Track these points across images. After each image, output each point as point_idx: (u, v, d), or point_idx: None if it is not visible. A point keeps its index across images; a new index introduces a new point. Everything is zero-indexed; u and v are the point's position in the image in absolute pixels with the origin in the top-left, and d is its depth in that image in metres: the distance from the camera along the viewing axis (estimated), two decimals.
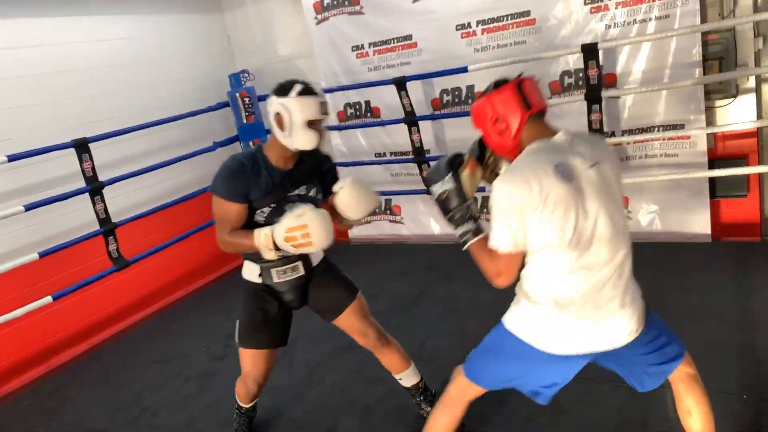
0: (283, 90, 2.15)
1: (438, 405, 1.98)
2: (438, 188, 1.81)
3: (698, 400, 1.91)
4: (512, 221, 1.61)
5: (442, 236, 4.94)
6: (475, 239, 1.74)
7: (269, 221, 2.18)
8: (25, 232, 3.78)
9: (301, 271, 2.34)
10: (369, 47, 4.78)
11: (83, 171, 3.83)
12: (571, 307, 1.69)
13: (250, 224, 2.20)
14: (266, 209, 2.21)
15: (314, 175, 2.32)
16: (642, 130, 4.03)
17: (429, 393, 2.59)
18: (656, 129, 3.99)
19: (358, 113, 5.06)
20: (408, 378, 2.55)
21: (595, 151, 1.69)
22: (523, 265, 1.73)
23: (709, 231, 3.99)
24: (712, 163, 3.90)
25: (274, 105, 2.15)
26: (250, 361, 2.38)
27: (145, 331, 4.19)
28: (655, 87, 3.81)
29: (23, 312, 3.50)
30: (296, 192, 2.25)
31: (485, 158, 1.89)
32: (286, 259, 2.28)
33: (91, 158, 3.85)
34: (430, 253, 4.69)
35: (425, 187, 4.66)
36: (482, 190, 3.64)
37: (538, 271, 1.71)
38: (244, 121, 4.99)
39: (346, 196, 2.22)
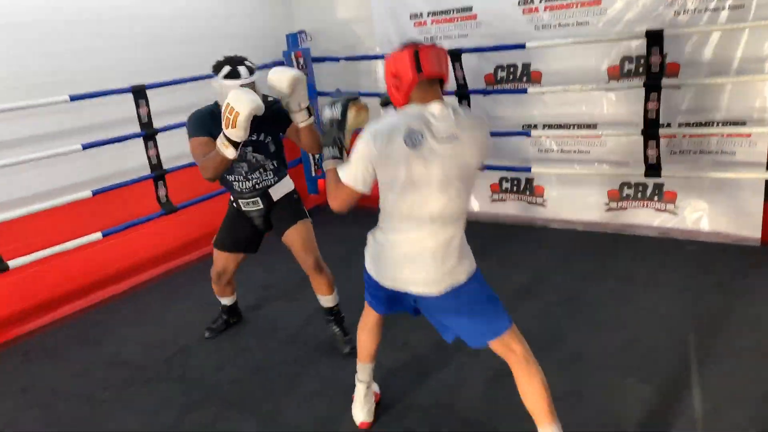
0: (215, 69, 2.71)
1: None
2: (327, 114, 2.11)
3: (528, 380, 1.98)
4: (359, 163, 1.89)
5: (480, 214, 4.92)
6: (332, 164, 2.02)
7: None
8: (81, 170, 3.94)
9: (260, 205, 2.94)
10: (427, 16, 4.73)
11: (139, 116, 3.96)
12: (392, 243, 1.98)
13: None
14: None
15: (266, 124, 2.73)
16: (700, 125, 3.90)
17: (339, 315, 3.12)
18: (715, 124, 3.85)
19: None
20: (327, 302, 3.08)
21: (458, 129, 1.87)
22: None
23: (759, 235, 3.87)
24: None
25: (213, 81, 2.70)
26: (216, 257, 3.12)
27: (186, 276, 4.35)
28: (720, 79, 3.67)
29: (74, 245, 3.67)
30: (249, 137, 2.63)
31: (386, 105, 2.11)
32: (249, 195, 2.90)
33: (147, 104, 3.97)
34: (468, 230, 4.68)
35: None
36: None
37: (382, 212, 2.00)
38: None
39: (273, 75, 2.55)
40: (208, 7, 4.73)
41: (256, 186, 2.89)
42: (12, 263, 3.38)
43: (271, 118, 2.75)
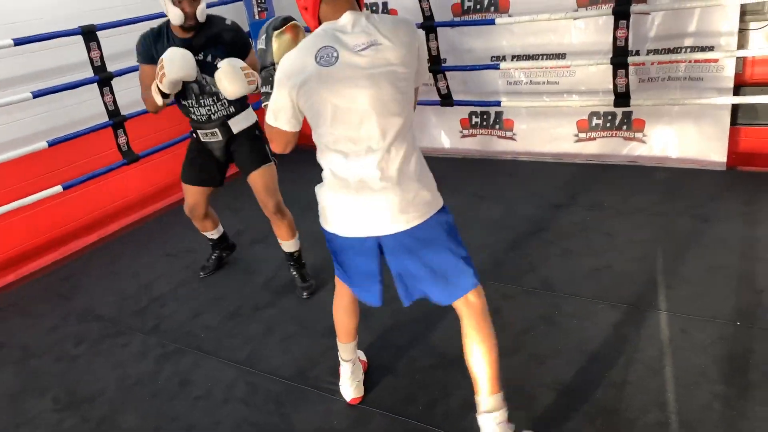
0: None
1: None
2: (258, 45, 1.91)
3: (480, 338, 1.85)
4: (277, 100, 1.74)
5: (450, 150, 4.89)
6: (267, 103, 1.83)
7: None
8: (34, 120, 3.76)
9: (219, 137, 2.89)
10: None
11: (91, 60, 3.76)
12: (340, 185, 1.78)
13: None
14: None
15: (214, 43, 2.70)
16: (669, 51, 3.87)
17: (300, 261, 3.15)
18: (684, 50, 3.82)
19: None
20: (288, 246, 3.10)
21: (377, 34, 1.67)
22: None
23: (724, 159, 3.92)
24: (738, 90, 3.76)
25: None
26: (185, 191, 3.09)
27: (155, 225, 4.27)
28: (688, 4, 3.62)
29: (34, 199, 3.56)
30: (196, 58, 2.61)
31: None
32: (209, 126, 2.86)
33: (99, 47, 3.77)
34: (439, 166, 4.66)
35: (440, 101, 4.57)
36: None
37: (318, 151, 1.83)
38: (257, 17, 4.82)
39: (219, 73, 2.52)
40: None
41: (212, 117, 2.84)
42: None
43: (222, 39, 2.72)
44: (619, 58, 3.79)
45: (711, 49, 3.73)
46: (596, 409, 2.10)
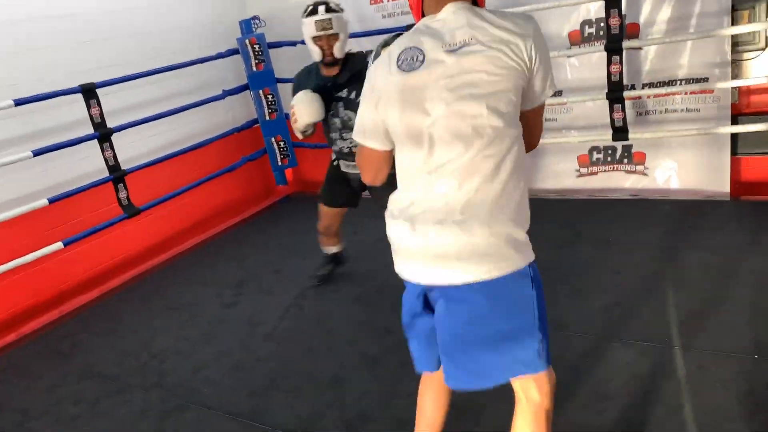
0: (304, 11, 2.90)
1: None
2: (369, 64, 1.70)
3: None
4: (363, 110, 1.51)
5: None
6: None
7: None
8: (35, 178, 3.76)
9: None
10: None
11: (91, 117, 3.79)
12: (410, 218, 1.47)
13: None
14: None
15: (357, 79, 2.77)
16: (664, 84, 3.89)
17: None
18: (679, 83, 3.84)
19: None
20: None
21: (476, 33, 1.37)
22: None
23: (728, 189, 3.89)
24: (736, 119, 3.76)
25: None
26: (323, 212, 3.29)
27: (156, 279, 4.22)
28: (680, 38, 3.65)
29: (35, 257, 3.53)
30: (339, 94, 2.85)
31: None
32: (349, 157, 2.98)
33: (99, 104, 3.80)
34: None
35: None
36: None
37: (398, 174, 1.52)
38: (254, 69, 4.88)
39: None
40: None
41: (353, 150, 2.90)
42: None
43: (364, 74, 2.66)
44: (615, 93, 3.81)
45: (705, 80, 3.74)
46: None
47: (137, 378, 2.99)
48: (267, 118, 5.04)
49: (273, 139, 5.04)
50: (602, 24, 3.84)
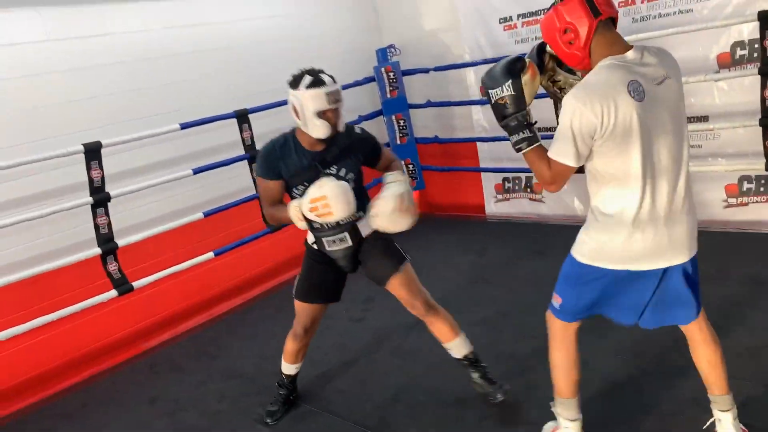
0: (294, 82, 2.38)
1: (550, 347, 2.11)
2: (496, 93, 1.83)
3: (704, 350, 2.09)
4: (578, 137, 1.69)
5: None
6: (530, 148, 1.83)
7: None
8: (193, 193, 4.20)
9: (349, 242, 2.52)
10: (517, 19, 4.65)
11: (243, 140, 4.18)
12: (638, 224, 1.78)
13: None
14: (300, 187, 2.44)
15: (347, 155, 2.48)
16: None
17: (479, 364, 2.63)
18: None
19: None
20: (457, 348, 2.62)
21: (663, 67, 1.72)
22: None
23: None
24: None
25: (289, 97, 2.37)
26: (300, 310, 2.71)
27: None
28: None
29: (189, 265, 3.92)
30: (327, 172, 2.43)
31: (544, 64, 1.90)
32: (335, 231, 2.48)
33: (250, 128, 4.19)
34: (571, 233, 4.52)
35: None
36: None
37: (605, 184, 1.80)
38: (388, 95, 5.11)
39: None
40: (301, 29, 4.90)
41: (340, 221, 2.46)
42: (136, 284, 3.66)
43: (355, 149, 2.51)
44: None
45: None
46: None
47: (274, 381, 3.21)
48: (398, 142, 5.24)
49: (402, 162, 5.20)
50: (756, 45, 3.59)
